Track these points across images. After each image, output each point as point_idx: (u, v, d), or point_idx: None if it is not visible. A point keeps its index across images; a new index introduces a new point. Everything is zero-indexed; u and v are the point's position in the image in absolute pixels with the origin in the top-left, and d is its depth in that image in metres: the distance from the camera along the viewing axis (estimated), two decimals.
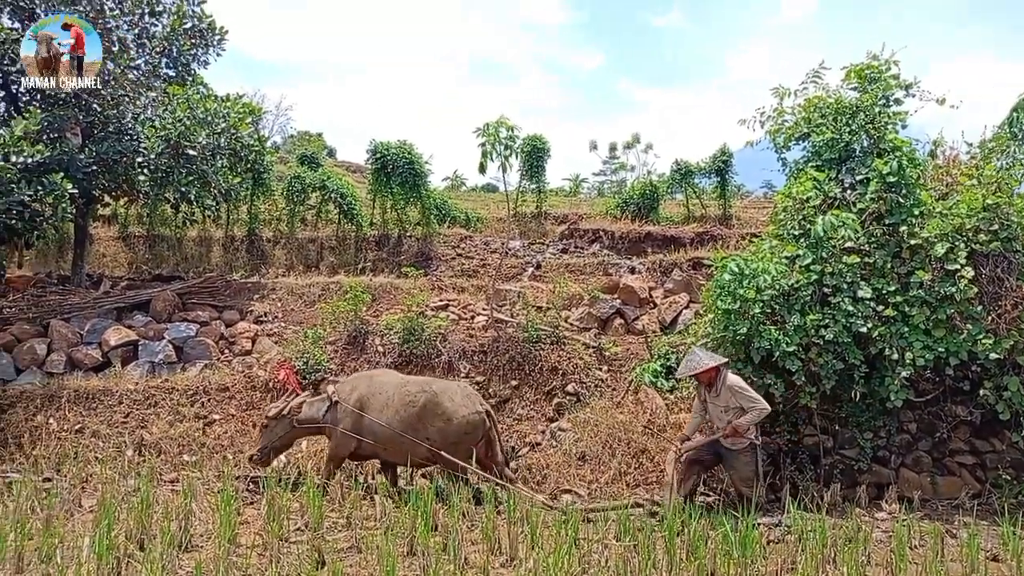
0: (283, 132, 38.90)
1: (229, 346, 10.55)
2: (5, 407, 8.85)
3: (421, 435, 7.19)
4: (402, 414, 7.23)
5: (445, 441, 7.21)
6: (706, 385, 7.23)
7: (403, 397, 7.31)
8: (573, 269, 13.64)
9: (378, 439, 7.23)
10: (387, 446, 7.28)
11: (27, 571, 4.98)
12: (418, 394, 7.31)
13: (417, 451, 7.20)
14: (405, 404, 7.27)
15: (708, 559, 5.33)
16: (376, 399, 7.35)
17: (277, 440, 7.42)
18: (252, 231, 16.21)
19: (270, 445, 7.39)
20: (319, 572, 5.14)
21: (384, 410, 7.28)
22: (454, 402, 7.32)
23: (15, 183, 9.59)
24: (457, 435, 7.26)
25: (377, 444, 7.28)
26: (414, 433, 7.18)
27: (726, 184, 18.78)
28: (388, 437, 7.21)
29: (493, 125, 9.44)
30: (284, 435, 7.43)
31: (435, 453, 7.17)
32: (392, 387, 7.44)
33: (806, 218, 8.19)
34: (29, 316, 10.48)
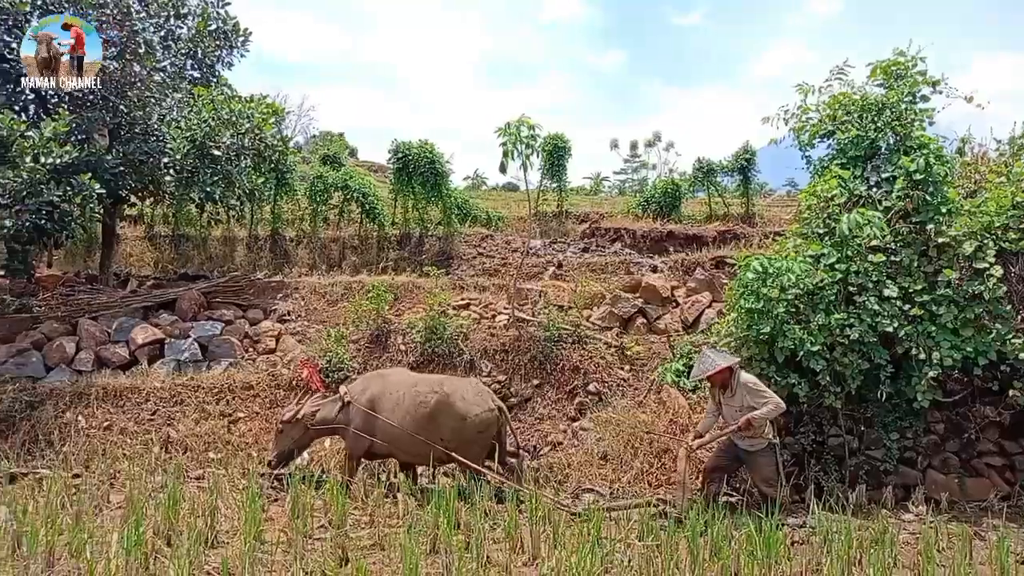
0: (305, 132, 39.27)
1: (253, 344, 10.65)
2: (35, 404, 9.00)
3: (435, 435, 7.19)
4: (414, 415, 7.23)
5: (460, 440, 7.22)
6: (720, 386, 7.15)
7: (414, 397, 7.30)
8: (594, 268, 13.60)
9: (390, 439, 7.25)
10: (400, 446, 7.29)
11: (58, 566, 5.06)
12: (429, 394, 7.29)
13: (430, 449, 7.20)
14: (417, 404, 7.26)
15: (732, 560, 5.30)
16: (387, 399, 7.36)
17: (293, 443, 7.47)
18: (275, 231, 16.37)
19: (287, 449, 7.44)
20: (343, 569, 5.18)
21: (395, 410, 7.28)
22: (466, 401, 7.31)
23: (44, 184, 9.75)
24: (471, 434, 7.28)
25: (391, 444, 7.29)
26: (427, 434, 7.18)
27: (749, 182, 18.69)
28: (400, 437, 7.21)
29: (514, 124, 9.43)
30: (300, 438, 7.48)
31: (449, 451, 7.16)
32: (403, 387, 7.43)
33: (831, 216, 8.10)
34: (58, 315, 10.65)
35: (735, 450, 7.21)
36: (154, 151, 11.18)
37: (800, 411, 8.18)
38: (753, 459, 7.10)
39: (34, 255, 11.81)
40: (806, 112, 9.09)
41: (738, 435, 7.08)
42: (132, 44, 11.10)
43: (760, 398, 6.87)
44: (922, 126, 8.49)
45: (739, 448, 7.16)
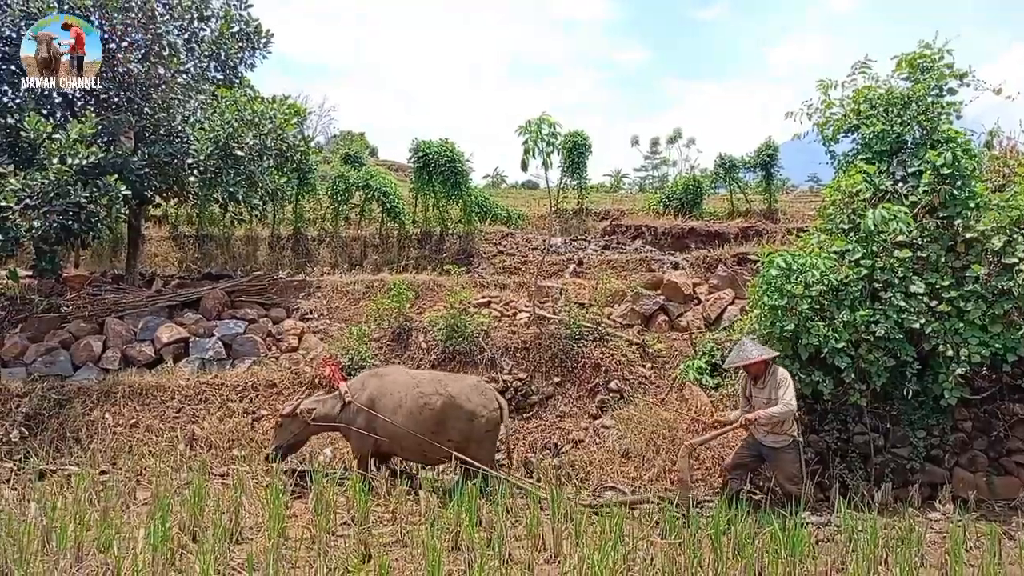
0: (326, 132, 39.52)
1: (276, 343, 10.74)
2: (63, 402, 9.14)
3: (443, 437, 7.20)
4: (418, 417, 7.22)
5: (468, 440, 7.24)
6: (753, 378, 7.14)
7: (417, 399, 7.29)
8: (615, 265, 13.55)
9: (392, 438, 7.28)
10: (404, 445, 7.33)
11: (86, 561, 5.14)
12: (434, 396, 7.27)
13: (438, 452, 7.23)
14: (421, 407, 7.25)
15: (755, 558, 5.26)
16: (388, 399, 7.37)
17: (292, 438, 7.54)
18: (297, 230, 16.49)
19: (285, 443, 7.50)
20: (365, 566, 5.22)
21: (397, 411, 7.28)
22: (472, 402, 7.30)
23: (71, 185, 9.90)
24: (480, 434, 7.31)
25: (393, 443, 7.34)
26: (434, 436, 7.18)
27: (771, 178, 18.54)
28: (404, 437, 7.23)
29: (535, 122, 9.43)
30: (298, 433, 7.55)
31: (458, 451, 7.16)
32: (403, 387, 7.43)
33: (856, 212, 8.01)
34: (85, 314, 10.81)
35: (758, 447, 7.16)
36: (178, 152, 11.30)
37: (824, 408, 8.11)
38: (777, 456, 7.04)
39: (62, 255, 12.01)
40: (829, 107, 8.99)
41: (761, 432, 7.03)
42: (156, 47, 11.23)
43: (783, 393, 6.80)
44: (949, 119, 8.37)
45: (762, 445, 7.10)
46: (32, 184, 9.67)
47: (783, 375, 6.98)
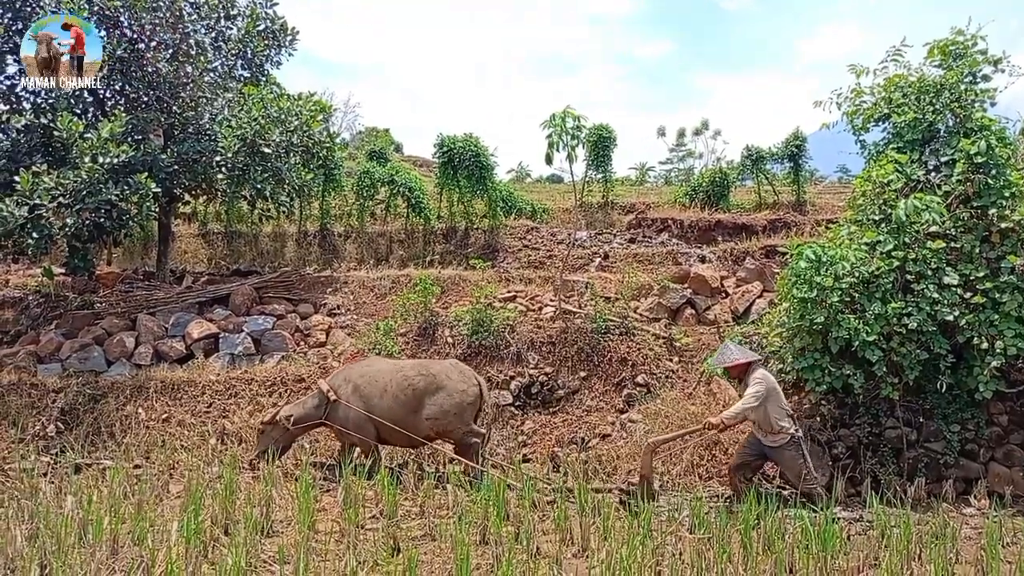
0: (351, 129, 39.64)
1: (304, 338, 10.84)
2: (98, 398, 9.31)
3: (421, 414, 7.46)
4: (401, 398, 7.51)
5: (444, 416, 7.48)
6: (737, 379, 7.35)
7: (401, 382, 7.58)
8: (641, 259, 13.48)
9: (381, 425, 7.48)
10: (387, 428, 7.50)
11: (121, 553, 5.23)
12: (416, 377, 7.58)
13: (418, 431, 7.47)
14: (404, 388, 7.54)
15: (786, 553, 5.21)
16: (373, 387, 7.60)
17: (275, 443, 7.68)
18: (324, 226, 16.60)
19: (269, 449, 7.60)
20: (394, 559, 5.25)
21: (383, 396, 7.54)
22: (451, 379, 7.61)
23: (103, 183, 10.07)
24: (457, 409, 7.52)
25: (381, 429, 7.53)
26: (414, 414, 7.46)
27: (799, 169, 18.27)
28: (389, 420, 7.44)
29: (559, 116, 9.40)
30: (281, 437, 7.71)
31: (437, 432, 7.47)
32: (387, 374, 7.70)
33: (887, 202, 7.87)
34: (118, 311, 10.99)
35: (759, 447, 7.19)
36: (206, 150, 11.43)
37: (855, 402, 7.99)
38: (779, 455, 7.08)
39: (94, 253, 12.23)
40: (860, 95, 8.84)
41: (760, 432, 7.09)
42: (184, 46, 11.37)
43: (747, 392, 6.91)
44: (983, 107, 8.20)
45: (763, 445, 7.14)
46: (65, 183, 9.85)
47: (757, 375, 7.04)
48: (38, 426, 8.95)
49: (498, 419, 9.39)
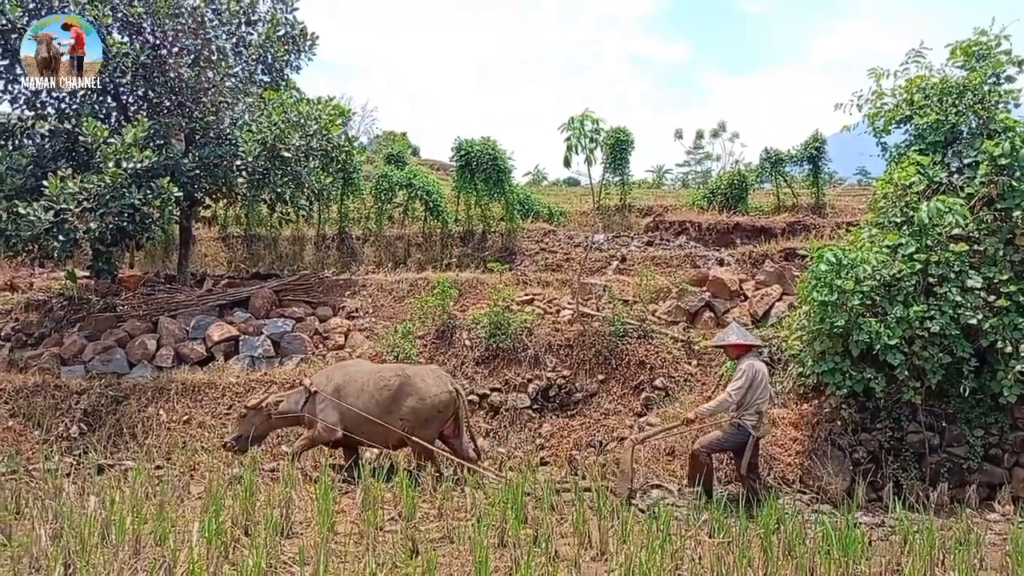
0: (369, 133, 39.90)
1: (323, 341, 10.90)
2: (120, 399, 9.41)
3: (395, 416, 7.47)
4: (377, 398, 7.53)
5: (418, 419, 7.49)
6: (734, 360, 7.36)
7: (377, 382, 7.60)
8: (659, 262, 13.44)
9: (355, 423, 7.52)
10: (364, 428, 7.53)
11: (144, 553, 5.28)
12: (392, 378, 7.59)
13: (391, 432, 7.48)
14: (380, 388, 7.56)
15: (807, 558, 5.17)
16: (351, 386, 7.65)
17: (254, 430, 7.70)
18: (342, 229, 16.71)
19: (246, 434, 7.64)
20: (413, 561, 5.26)
21: (360, 395, 7.58)
22: (426, 383, 7.60)
23: (126, 187, 10.19)
24: (430, 413, 7.52)
25: (355, 428, 7.55)
26: (388, 415, 7.47)
27: (819, 171, 18.15)
28: (364, 420, 7.48)
29: (578, 118, 9.42)
30: (260, 425, 7.73)
31: (408, 432, 7.44)
32: (366, 374, 7.75)
33: (909, 205, 7.81)
34: (140, 313, 11.12)
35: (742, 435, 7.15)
36: (227, 154, 11.54)
37: (876, 406, 7.93)
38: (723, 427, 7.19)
39: (117, 256, 12.37)
40: (881, 97, 8.78)
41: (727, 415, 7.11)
42: (206, 51, 11.48)
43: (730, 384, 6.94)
44: (1007, 108, 8.13)
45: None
46: (89, 187, 9.98)
47: (744, 366, 6.98)
48: (62, 427, 9.08)
49: (515, 422, 9.40)
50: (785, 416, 8.34)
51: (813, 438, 7.96)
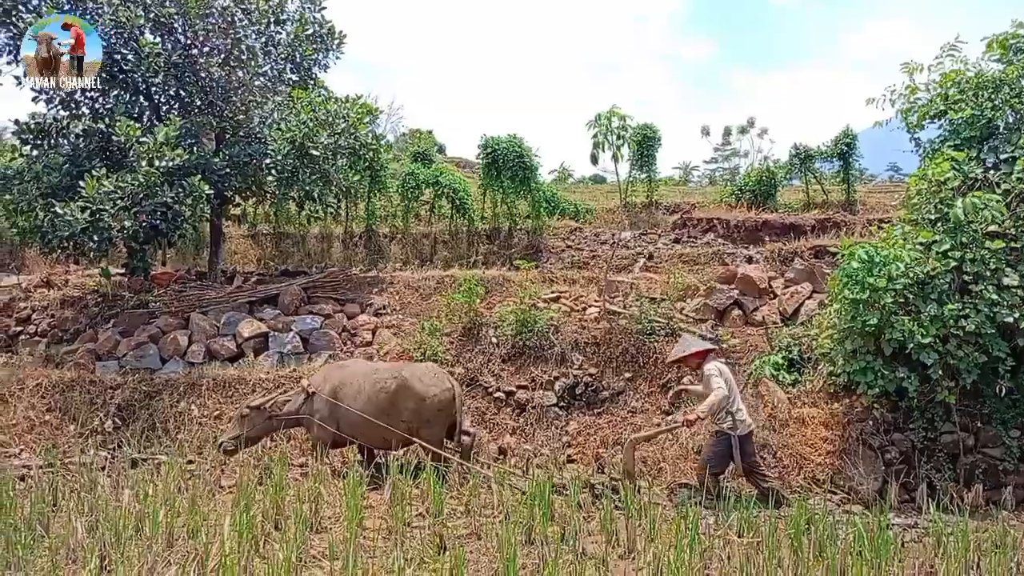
0: (395, 131, 40.08)
1: (351, 337, 10.98)
2: (153, 394, 9.57)
3: (395, 418, 7.44)
4: (375, 400, 7.48)
5: (420, 421, 7.48)
6: (694, 369, 7.39)
7: (375, 384, 7.55)
8: (687, 259, 13.34)
9: (354, 425, 7.50)
10: (363, 430, 7.51)
11: (177, 546, 5.36)
12: (389, 380, 7.54)
13: (392, 434, 7.45)
14: (377, 391, 7.52)
15: (837, 559, 5.10)
16: (349, 387, 7.61)
17: (253, 431, 7.70)
18: (370, 227, 16.82)
19: (245, 435, 7.63)
20: (441, 557, 5.28)
21: (357, 397, 7.54)
22: (424, 383, 7.55)
23: (159, 186, 10.36)
24: (431, 413, 7.51)
25: (354, 429, 7.54)
26: (389, 418, 7.43)
27: (850, 168, 17.91)
28: (363, 422, 7.44)
29: (605, 115, 9.39)
30: (260, 425, 7.73)
31: (411, 433, 7.44)
32: (363, 375, 7.70)
33: (943, 201, 7.67)
34: (172, 310, 11.29)
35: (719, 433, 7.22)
36: (257, 153, 11.67)
37: (909, 406, 7.80)
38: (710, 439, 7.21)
39: (150, 254, 12.56)
40: (914, 92, 8.64)
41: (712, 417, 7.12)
42: (236, 51, 11.61)
43: (710, 385, 6.92)
44: None
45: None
46: (123, 186, 10.16)
47: (711, 366, 7.07)
48: (97, 421, 9.25)
49: (542, 420, 9.40)
50: (815, 415, 8.24)
51: (844, 438, 7.87)
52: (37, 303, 12.35)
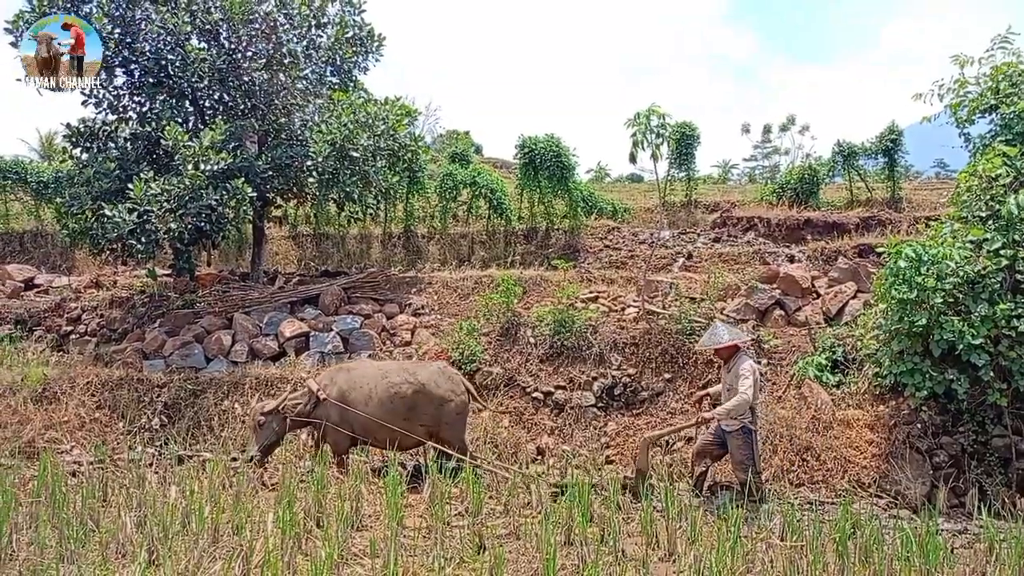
0: (432, 132, 40.28)
1: (390, 337, 11.07)
2: (198, 393, 9.77)
3: (414, 423, 7.43)
4: (389, 406, 7.41)
5: (439, 424, 7.52)
6: (724, 361, 7.18)
7: (387, 388, 7.48)
8: (727, 258, 13.18)
9: (366, 429, 7.43)
10: (377, 435, 7.43)
11: (222, 541, 5.46)
12: (403, 384, 7.48)
13: (409, 437, 7.46)
14: (391, 396, 7.44)
15: (885, 564, 4.99)
16: (358, 392, 7.51)
17: (274, 435, 7.63)
18: (408, 227, 16.95)
19: (267, 442, 7.59)
20: (480, 556, 5.30)
21: (368, 402, 7.44)
22: (441, 388, 7.56)
23: (204, 189, 10.57)
24: (450, 417, 7.55)
25: (367, 433, 7.48)
26: (406, 423, 7.39)
27: (895, 164, 17.51)
28: (377, 428, 7.36)
29: (644, 114, 9.31)
30: (278, 429, 7.64)
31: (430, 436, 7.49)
32: (372, 379, 7.60)
33: (994, 198, 7.46)
34: (216, 310, 11.51)
35: (721, 432, 7.07)
36: (298, 155, 11.83)
37: (959, 409, 7.60)
38: (730, 440, 6.98)
39: (195, 255, 12.84)
40: (964, 85, 8.41)
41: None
42: (278, 55, 11.80)
43: (739, 385, 6.77)
44: None
45: (722, 430, 7.02)
46: (169, 189, 10.39)
47: (746, 366, 6.89)
48: (144, 419, 9.48)
49: (580, 420, 9.37)
50: (860, 418, 8.07)
51: (890, 441, 7.69)
52: (87, 303, 12.70)
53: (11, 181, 17.70)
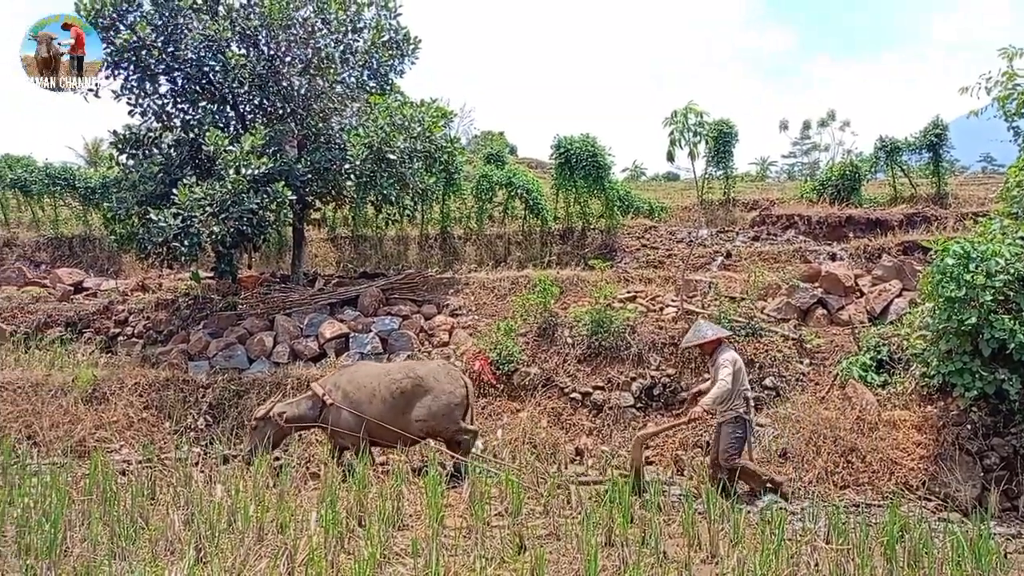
0: (467, 133, 40.43)
1: (428, 338, 11.15)
2: (241, 393, 9.94)
3: (410, 416, 7.61)
4: (390, 401, 7.64)
5: (433, 417, 7.64)
6: (708, 355, 7.44)
7: (389, 385, 7.69)
8: (766, 257, 13.01)
9: (370, 429, 7.60)
10: (382, 433, 7.61)
11: (266, 540, 5.55)
12: (404, 380, 7.70)
13: (409, 432, 7.60)
14: (392, 392, 7.66)
15: (934, 569, 4.89)
16: (362, 392, 7.70)
17: (267, 439, 7.77)
18: (444, 229, 17.04)
19: (260, 444, 7.72)
20: (520, 556, 5.31)
21: (373, 401, 7.64)
22: (439, 381, 7.74)
23: (245, 193, 10.75)
24: (445, 410, 7.68)
25: (371, 433, 7.63)
26: (404, 416, 7.61)
27: (940, 160, 17.10)
28: (380, 425, 7.54)
29: (681, 112, 9.25)
30: (273, 434, 7.81)
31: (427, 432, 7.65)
32: (375, 378, 7.81)
33: None
34: (258, 312, 11.71)
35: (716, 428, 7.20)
36: (336, 159, 11.97)
37: (1011, 409, 7.39)
38: (720, 428, 7.10)
39: (236, 258, 13.06)
40: (1013, 78, 8.17)
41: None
42: (316, 60, 11.94)
43: (719, 375, 6.92)
44: None
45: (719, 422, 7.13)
46: (212, 193, 10.59)
47: (726, 356, 7.12)
48: (190, 419, 9.69)
49: (619, 420, 9.32)
50: (907, 419, 7.91)
51: (939, 442, 7.52)
52: (133, 306, 13.01)
53: (60, 187, 18.20)
